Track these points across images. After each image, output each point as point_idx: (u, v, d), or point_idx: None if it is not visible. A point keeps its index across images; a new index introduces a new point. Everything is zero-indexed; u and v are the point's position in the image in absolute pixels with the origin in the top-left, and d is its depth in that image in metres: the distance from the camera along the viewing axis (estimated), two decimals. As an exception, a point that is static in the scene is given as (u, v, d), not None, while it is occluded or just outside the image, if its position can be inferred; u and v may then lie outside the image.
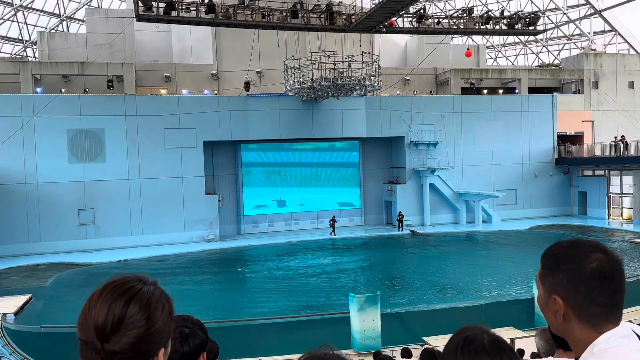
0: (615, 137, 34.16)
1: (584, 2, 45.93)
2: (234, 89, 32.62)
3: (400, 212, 32.85)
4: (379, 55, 30.50)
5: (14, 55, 45.22)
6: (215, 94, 33.18)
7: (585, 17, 47.07)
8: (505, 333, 12.25)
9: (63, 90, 30.63)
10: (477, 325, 1.59)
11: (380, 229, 33.51)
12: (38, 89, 30.29)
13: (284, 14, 25.93)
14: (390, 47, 40.45)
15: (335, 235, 31.36)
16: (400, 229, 32.17)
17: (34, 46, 44.24)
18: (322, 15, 26.33)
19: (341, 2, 28.02)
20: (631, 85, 38.72)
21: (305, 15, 26.12)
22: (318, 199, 34.37)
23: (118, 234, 29.11)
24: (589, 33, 47.24)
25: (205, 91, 33.22)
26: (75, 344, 1.32)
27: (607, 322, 1.49)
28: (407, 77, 37.53)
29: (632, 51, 44.00)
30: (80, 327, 1.31)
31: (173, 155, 30.12)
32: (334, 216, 32.43)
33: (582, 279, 1.49)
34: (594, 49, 41.76)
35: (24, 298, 18.38)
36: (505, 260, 24.83)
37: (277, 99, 31.39)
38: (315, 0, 28.29)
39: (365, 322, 13.00)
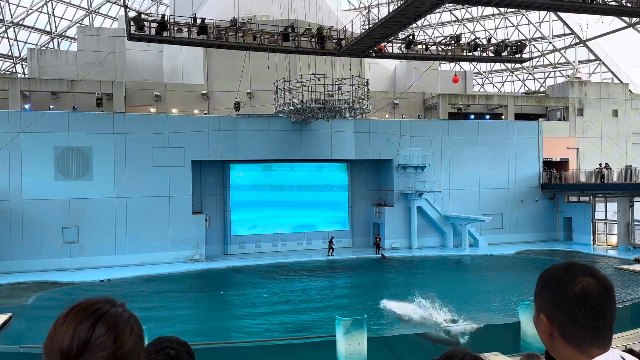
0: (600, 164, 34.65)
1: (569, 32, 47.06)
2: (224, 109, 32.73)
3: (377, 235, 32.92)
4: (368, 79, 30.85)
5: (3, 71, 45.07)
6: (205, 113, 33.25)
7: (570, 46, 48.18)
8: (492, 358, 12.23)
9: (51, 107, 30.51)
10: (462, 349, 1.62)
11: (367, 251, 33.44)
12: (26, 106, 30.13)
13: (275, 36, 26.22)
14: (380, 71, 40.97)
15: (332, 256, 31.44)
16: (377, 251, 32.15)
17: (23, 63, 44.16)
18: (313, 39, 26.66)
19: (332, 26, 28.44)
20: (615, 113, 39.49)
21: (296, 38, 26.43)
22: (306, 221, 34.30)
23: (102, 253, 28.74)
24: (574, 62, 48.30)
25: (195, 111, 33.28)
26: None
27: (592, 346, 1.50)
28: (395, 101, 37.95)
29: (615, 80, 45.01)
30: (45, 351, 1.27)
31: (161, 174, 29.98)
32: (332, 237, 32.52)
33: (564, 300, 1.52)
34: (579, 78, 42.66)
35: (4, 317, 17.98)
36: (491, 284, 24.84)
37: (267, 120, 31.53)
38: (306, 24, 28.69)
39: (351, 345, 12.89)
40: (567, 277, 1.55)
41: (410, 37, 27.99)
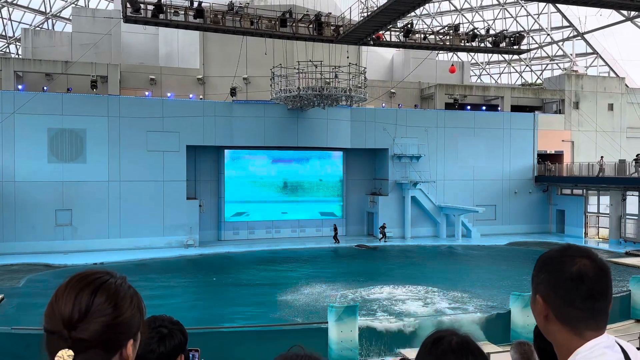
0: (602, 157, 34.50)
1: (567, 25, 46.94)
2: (220, 94, 32.53)
3: (384, 223, 33.04)
4: (365, 68, 30.72)
5: (-3, 51, 44.54)
6: (201, 98, 33.04)
7: (568, 39, 48.10)
8: (482, 347, 12.31)
9: (45, 88, 30.22)
10: (450, 329, 1.62)
11: (361, 239, 33.52)
12: (20, 86, 29.83)
13: (273, 22, 26.01)
14: (377, 60, 40.80)
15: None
16: (384, 240, 32.36)
17: (17, 43, 43.65)
18: (311, 26, 26.47)
19: (330, 13, 28.24)
20: (610, 107, 39.55)
21: (294, 24, 26.23)
22: (300, 208, 34.33)
23: (95, 236, 28.68)
24: (571, 54, 48.25)
25: (191, 95, 33.06)
26: (42, 337, 1.32)
27: (587, 328, 1.51)
28: (392, 90, 37.83)
29: (612, 74, 45.01)
30: (47, 318, 1.32)
31: (155, 159, 29.85)
32: (334, 225, 32.83)
33: (560, 280, 1.53)
34: (576, 71, 42.63)
35: (-5, 298, 17.96)
36: (482, 275, 25.00)
37: (263, 106, 31.38)
38: (304, 10, 28.47)
39: (342, 332, 12.97)
40: (564, 258, 1.56)
41: (409, 25, 27.85)
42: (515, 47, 29.66)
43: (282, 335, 13.76)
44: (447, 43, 28.93)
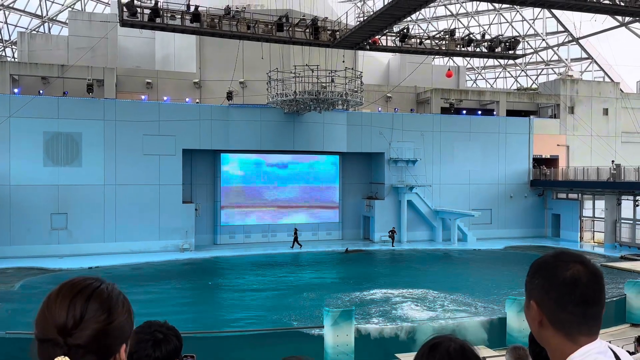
0: (613, 161, 34.35)
1: (563, 30, 47.23)
2: (216, 98, 32.55)
3: (393, 227, 33.04)
4: (361, 72, 30.80)
5: (-8, 54, 44.44)
6: (197, 102, 33.02)
7: (563, 44, 48.37)
8: (478, 352, 12.32)
9: (41, 92, 30.16)
10: (447, 335, 1.63)
11: (357, 243, 33.54)
12: (15, 90, 29.76)
13: (270, 26, 26.07)
14: (373, 64, 40.87)
15: (297, 248, 31.39)
16: (393, 244, 32.42)
17: (13, 46, 43.58)
18: (307, 30, 26.55)
19: (326, 18, 28.32)
20: (605, 112, 39.74)
21: (291, 29, 26.29)
22: (296, 212, 34.28)
23: (91, 240, 28.58)
24: (566, 59, 48.52)
25: (187, 99, 33.05)
26: (31, 346, 1.32)
27: (580, 333, 1.52)
28: (388, 95, 37.93)
29: (607, 79, 45.27)
30: (39, 326, 1.31)
31: (151, 162, 29.81)
32: (295, 229, 32.13)
33: (554, 284, 1.54)
34: (571, 75, 42.83)
35: (-10, 303, 17.86)
36: (478, 279, 25.02)
37: (259, 110, 31.41)
38: (300, 14, 28.55)
39: (338, 337, 12.95)
40: (558, 263, 1.57)
41: (405, 30, 27.96)
42: (510, 52, 29.80)
43: (279, 339, 13.74)
44: (443, 48, 29.06)
